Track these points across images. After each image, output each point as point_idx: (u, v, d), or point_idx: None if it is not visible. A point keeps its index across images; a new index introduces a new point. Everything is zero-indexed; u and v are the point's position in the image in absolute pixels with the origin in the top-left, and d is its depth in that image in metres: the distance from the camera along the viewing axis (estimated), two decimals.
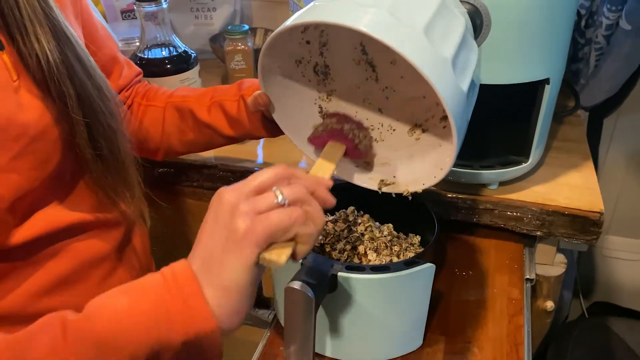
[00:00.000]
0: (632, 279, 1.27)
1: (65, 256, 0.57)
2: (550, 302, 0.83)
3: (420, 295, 0.60)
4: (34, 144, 0.50)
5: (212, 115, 0.70)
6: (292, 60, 0.60)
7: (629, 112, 1.10)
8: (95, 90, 0.54)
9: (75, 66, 0.52)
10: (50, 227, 0.54)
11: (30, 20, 0.48)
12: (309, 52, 0.61)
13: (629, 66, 0.97)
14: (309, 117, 0.64)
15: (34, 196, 0.52)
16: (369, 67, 0.63)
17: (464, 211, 0.78)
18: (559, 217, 0.74)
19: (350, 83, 0.64)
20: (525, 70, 0.67)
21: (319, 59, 0.62)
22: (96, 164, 0.56)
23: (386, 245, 0.68)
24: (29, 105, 0.50)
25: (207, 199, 0.90)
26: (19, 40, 0.48)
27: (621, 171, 1.17)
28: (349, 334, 0.60)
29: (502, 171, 0.76)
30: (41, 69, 0.49)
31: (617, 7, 0.88)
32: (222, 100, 0.69)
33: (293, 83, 0.62)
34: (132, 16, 1.19)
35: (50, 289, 0.56)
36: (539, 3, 0.63)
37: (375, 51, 0.62)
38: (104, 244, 0.61)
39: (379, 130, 0.65)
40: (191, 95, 0.72)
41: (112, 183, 0.58)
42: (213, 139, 0.73)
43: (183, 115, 0.72)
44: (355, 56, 0.62)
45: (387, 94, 0.64)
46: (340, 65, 0.63)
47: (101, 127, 0.54)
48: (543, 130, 0.75)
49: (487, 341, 0.64)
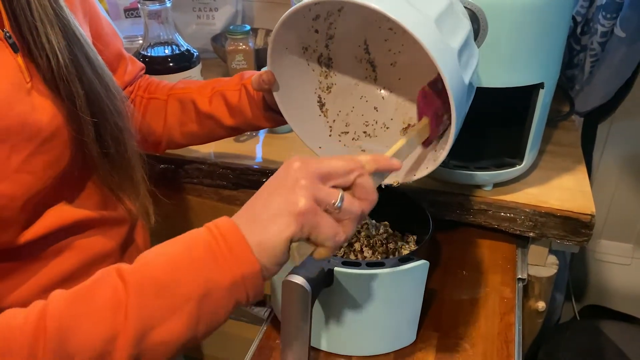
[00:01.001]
0: (624, 283, 1.29)
1: (70, 253, 0.58)
2: (541, 302, 0.84)
3: (414, 291, 0.61)
4: (46, 144, 0.51)
5: (213, 105, 0.71)
6: (300, 46, 0.62)
7: (623, 118, 1.12)
8: (103, 89, 0.55)
9: (84, 66, 0.53)
10: (56, 224, 0.55)
11: (41, 20, 0.49)
12: (315, 42, 0.63)
13: (623, 73, 0.98)
14: (308, 104, 0.66)
15: (44, 195, 0.53)
16: (370, 66, 0.64)
17: (458, 211, 0.79)
18: (551, 219, 0.76)
19: (350, 79, 0.66)
20: (520, 74, 0.69)
21: (324, 50, 0.64)
22: (103, 163, 0.57)
23: (382, 243, 0.69)
24: (41, 107, 0.51)
25: (207, 196, 0.92)
26: (30, 40, 0.49)
27: (614, 176, 1.19)
28: (344, 328, 0.61)
29: (496, 173, 0.77)
30: (51, 69, 0.50)
31: (612, 14, 0.90)
32: (224, 90, 0.70)
33: (297, 68, 0.63)
34: (135, 14, 1.20)
35: (55, 285, 0.56)
36: (535, 9, 0.64)
37: (377, 52, 0.63)
38: (109, 241, 0.61)
39: (372, 127, 0.66)
40: (193, 86, 0.73)
41: (119, 181, 0.59)
42: (214, 130, 0.73)
43: (185, 107, 0.73)
44: (358, 53, 0.64)
45: (384, 94, 0.65)
46: (343, 60, 0.65)
47: (109, 126, 0.55)
48: (537, 133, 0.77)
49: (479, 338, 0.65)
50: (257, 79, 0.63)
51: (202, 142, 0.78)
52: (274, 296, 0.68)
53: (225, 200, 0.91)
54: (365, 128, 0.66)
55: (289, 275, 0.52)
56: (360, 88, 0.66)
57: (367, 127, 0.66)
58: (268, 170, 0.86)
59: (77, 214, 0.57)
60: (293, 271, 0.53)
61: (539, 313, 0.86)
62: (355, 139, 0.68)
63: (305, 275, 0.52)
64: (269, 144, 0.93)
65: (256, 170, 0.86)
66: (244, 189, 0.89)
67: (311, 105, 0.66)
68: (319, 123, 0.66)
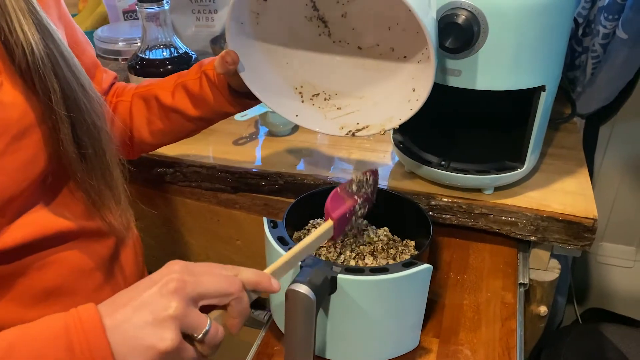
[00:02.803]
0: (626, 286, 1.28)
1: (51, 267, 0.56)
2: (543, 307, 0.84)
3: (417, 295, 0.61)
4: (16, 142, 0.50)
5: (176, 98, 0.70)
6: (255, 20, 0.64)
7: (625, 120, 1.11)
8: (80, 88, 0.53)
9: (60, 62, 0.51)
10: (35, 233, 0.53)
11: (13, 9, 0.48)
12: (264, 8, 0.64)
13: (625, 75, 0.98)
14: (276, 77, 0.68)
15: (21, 200, 0.52)
16: (321, 22, 0.67)
17: (459, 215, 0.79)
18: (553, 223, 0.75)
19: (307, 42, 0.69)
20: (521, 77, 0.68)
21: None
22: (80, 164, 0.55)
23: (383, 248, 0.69)
24: (11, 103, 0.49)
25: (205, 200, 0.92)
26: (5, 28, 0.48)
27: (616, 179, 1.18)
28: (347, 335, 0.60)
29: (497, 176, 0.77)
30: (26, 60, 0.49)
31: (614, 16, 0.89)
32: (185, 81, 0.70)
33: (257, 42, 0.66)
34: (133, 16, 1.20)
35: (37, 300, 0.56)
36: (536, 12, 0.64)
37: (325, 6, 0.67)
38: (91, 256, 0.59)
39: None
40: (155, 83, 0.73)
41: (97, 186, 0.57)
42: (181, 125, 0.72)
43: (149, 104, 0.72)
44: (307, 13, 0.67)
45: (342, 47, 0.69)
46: (295, 23, 0.67)
47: (85, 125, 0.54)
48: (538, 136, 0.76)
49: (480, 344, 0.65)
50: (221, 61, 0.62)
51: (173, 140, 0.76)
52: (274, 305, 0.67)
53: (223, 204, 0.90)
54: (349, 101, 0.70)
55: (293, 284, 0.51)
56: (318, 47, 0.69)
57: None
58: (267, 174, 0.85)
59: (56, 223, 0.55)
60: (296, 280, 0.52)
61: (541, 318, 0.85)
62: (327, 98, 0.70)
63: (309, 284, 0.51)
64: (268, 147, 0.93)
65: (255, 174, 0.85)
66: (242, 192, 0.88)
67: (278, 77, 0.68)
68: (289, 92, 0.68)
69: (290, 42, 0.69)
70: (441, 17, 0.64)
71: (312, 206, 0.70)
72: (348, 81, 0.71)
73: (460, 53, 0.65)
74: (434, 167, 0.77)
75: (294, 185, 0.84)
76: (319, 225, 0.70)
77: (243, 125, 0.98)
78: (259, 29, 0.65)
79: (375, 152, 0.91)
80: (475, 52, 0.65)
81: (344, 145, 0.93)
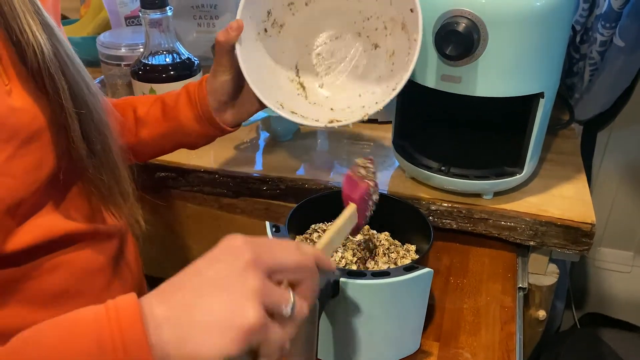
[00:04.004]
0: (624, 291, 1.29)
1: (61, 268, 0.56)
2: (542, 311, 0.84)
3: (419, 299, 0.61)
4: (25, 146, 0.50)
5: (150, 111, 0.71)
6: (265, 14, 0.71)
7: (622, 126, 1.12)
8: (85, 85, 0.54)
9: (66, 60, 0.52)
10: (45, 235, 0.54)
11: (22, 10, 0.48)
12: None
13: (623, 81, 0.99)
14: (271, 69, 0.73)
15: (30, 202, 0.52)
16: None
17: (459, 220, 0.79)
18: (551, 228, 0.76)
19: (297, 28, 0.73)
20: (520, 84, 0.69)
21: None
22: (91, 160, 0.55)
23: (384, 252, 0.69)
24: (21, 108, 0.50)
25: (207, 204, 0.92)
26: (15, 29, 0.48)
27: (614, 184, 1.19)
28: (348, 339, 0.61)
29: (496, 182, 0.77)
30: (37, 61, 0.49)
31: (611, 24, 0.91)
32: (165, 95, 0.72)
33: (257, 38, 0.72)
34: (135, 22, 1.21)
35: (48, 301, 0.56)
36: (535, 20, 0.65)
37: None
38: (99, 256, 0.60)
39: (330, 61, 0.75)
40: (137, 97, 0.75)
41: (107, 182, 0.58)
42: (151, 140, 0.72)
43: (125, 114, 0.72)
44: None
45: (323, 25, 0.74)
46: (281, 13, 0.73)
47: (92, 121, 0.54)
48: (537, 142, 0.77)
49: (480, 348, 0.65)
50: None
51: (144, 158, 0.76)
52: None
53: (225, 209, 0.91)
54: (329, 62, 0.75)
55: None
56: (304, 32, 0.74)
57: (329, 61, 0.75)
58: (268, 178, 0.86)
59: (66, 225, 0.56)
60: None
61: (540, 322, 0.86)
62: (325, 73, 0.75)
63: None
64: (270, 151, 0.93)
65: (256, 179, 0.86)
66: (244, 197, 0.89)
67: (276, 70, 0.73)
68: (283, 80, 0.73)
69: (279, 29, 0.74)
70: (442, 25, 0.65)
71: (314, 211, 0.70)
72: (338, 62, 0.75)
73: (460, 60, 0.66)
74: (434, 173, 0.78)
75: (295, 190, 0.85)
76: (321, 229, 0.70)
77: (244, 131, 0.99)
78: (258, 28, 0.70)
79: (376, 157, 0.92)
80: (475, 60, 0.66)
81: (345, 150, 0.94)
